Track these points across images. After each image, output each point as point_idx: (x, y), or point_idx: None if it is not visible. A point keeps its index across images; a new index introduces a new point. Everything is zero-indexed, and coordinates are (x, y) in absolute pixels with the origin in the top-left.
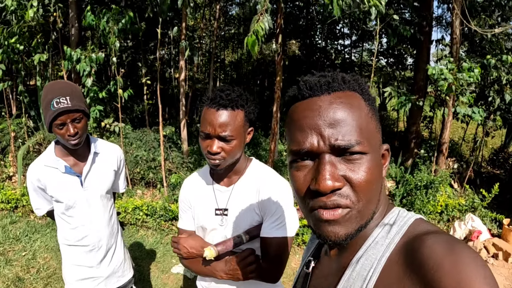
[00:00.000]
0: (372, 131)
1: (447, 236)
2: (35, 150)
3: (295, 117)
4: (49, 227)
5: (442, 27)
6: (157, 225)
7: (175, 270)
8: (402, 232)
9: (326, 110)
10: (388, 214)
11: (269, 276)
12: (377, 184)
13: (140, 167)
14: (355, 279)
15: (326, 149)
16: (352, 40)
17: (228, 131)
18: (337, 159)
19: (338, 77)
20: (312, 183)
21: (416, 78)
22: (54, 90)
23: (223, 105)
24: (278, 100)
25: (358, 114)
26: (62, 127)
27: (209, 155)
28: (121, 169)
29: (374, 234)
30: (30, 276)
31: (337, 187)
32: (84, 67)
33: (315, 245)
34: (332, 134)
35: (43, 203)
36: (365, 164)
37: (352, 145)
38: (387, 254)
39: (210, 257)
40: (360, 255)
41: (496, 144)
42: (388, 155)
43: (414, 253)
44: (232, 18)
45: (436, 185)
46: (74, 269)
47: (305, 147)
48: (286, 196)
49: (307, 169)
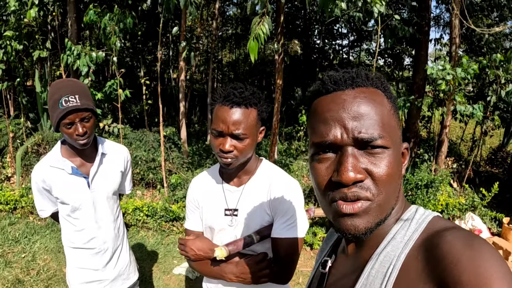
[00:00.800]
0: (394, 127)
1: (466, 232)
2: (34, 151)
3: (319, 110)
4: (49, 228)
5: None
6: (157, 226)
7: (177, 271)
8: (421, 229)
9: (350, 103)
10: (406, 211)
11: (280, 277)
12: (397, 180)
13: (140, 168)
14: (375, 276)
15: (349, 141)
16: (350, 40)
17: (242, 129)
18: (360, 152)
19: (362, 73)
20: (334, 175)
21: (414, 78)
22: (63, 88)
23: (237, 102)
24: (278, 100)
25: (381, 109)
26: (70, 126)
27: (221, 154)
28: (128, 170)
29: (393, 231)
30: (30, 278)
31: (359, 179)
32: (84, 64)
33: (330, 246)
34: (355, 127)
35: (48, 205)
36: (386, 158)
37: (375, 139)
38: (406, 251)
39: (221, 257)
40: (379, 252)
41: (495, 144)
42: (407, 154)
43: (433, 248)
44: (229, 18)
45: (436, 184)
46: (79, 272)
47: (328, 139)
48: (297, 196)
49: (329, 162)
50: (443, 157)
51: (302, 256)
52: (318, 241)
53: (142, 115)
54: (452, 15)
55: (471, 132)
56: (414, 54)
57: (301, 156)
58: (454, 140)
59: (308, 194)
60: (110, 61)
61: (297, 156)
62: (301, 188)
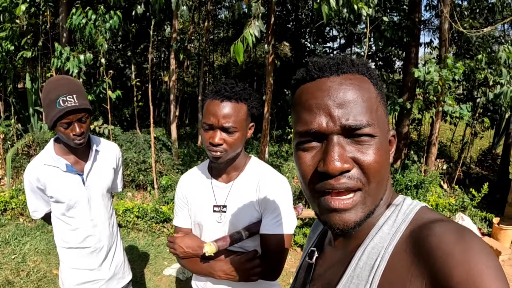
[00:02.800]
0: (381, 115)
1: (455, 224)
2: (24, 153)
3: (303, 98)
4: (39, 230)
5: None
6: (148, 227)
7: (167, 272)
8: (408, 220)
9: (336, 90)
10: (393, 202)
11: (269, 274)
12: (386, 168)
13: (131, 169)
14: (362, 268)
15: (335, 129)
16: (341, 43)
17: (232, 122)
18: (346, 140)
19: (347, 59)
20: (320, 164)
21: (405, 80)
22: (59, 87)
23: (228, 96)
24: (268, 102)
25: (368, 96)
26: (67, 126)
27: (211, 147)
28: (119, 168)
29: (380, 222)
30: (20, 280)
31: (346, 169)
32: (73, 66)
33: (317, 235)
34: (342, 114)
35: (41, 205)
36: (374, 146)
37: (363, 126)
38: (394, 243)
39: (210, 253)
40: (366, 244)
41: (484, 146)
42: (394, 142)
43: (422, 241)
44: (220, 21)
45: (426, 185)
46: (74, 272)
47: (312, 127)
48: (286, 193)
49: (314, 151)
50: (433, 159)
51: (293, 257)
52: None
53: (133, 117)
54: (441, 18)
55: (461, 134)
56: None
57: (292, 158)
58: (444, 142)
59: (299, 195)
60: (98, 63)
61: (288, 157)
62: (289, 185)
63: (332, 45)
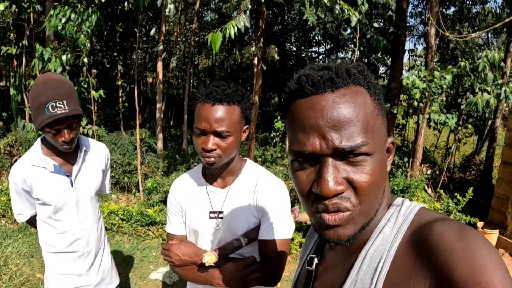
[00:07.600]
0: (377, 129)
1: (455, 222)
2: (7, 152)
3: (296, 116)
4: (21, 232)
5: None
6: (133, 230)
7: (153, 276)
8: (408, 222)
9: (329, 110)
10: (392, 205)
11: (269, 280)
12: (381, 184)
13: (115, 171)
14: (366, 271)
15: (328, 152)
16: (326, 48)
17: (225, 126)
18: (340, 162)
19: (342, 70)
20: (314, 186)
21: (390, 86)
22: (49, 91)
23: (219, 99)
24: (256, 104)
25: (363, 113)
26: (56, 133)
27: (204, 153)
28: (108, 169)
29: (381, 225)
30: (2, 284)
31: (340, 191)
32: (56, 66)
33: (314, 242)
34: (335, 137)
35: (27, 208)
36: (369, 165)
37: (357, 147)
38: (396, 244)
39: (210, 262)
40: (368, 246)
41: (468, 151)
42: (393, 149)
43: (423, 241)
44: (206, 24)
45: (412, 189)
46: (60, 278)
47: (306, 149)
48: (284, 197)
49: (309, 170)
50: (418, 164)
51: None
52: (295, 246)
53: (117, 118)
54: (428, 25)
55: (445, 139)
56: (390, 63)
57: (278, 161)
58: (429, 147)
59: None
60: (80, 62)
61: (273, 161)
62: (287, 189)
63: (317, 49)
